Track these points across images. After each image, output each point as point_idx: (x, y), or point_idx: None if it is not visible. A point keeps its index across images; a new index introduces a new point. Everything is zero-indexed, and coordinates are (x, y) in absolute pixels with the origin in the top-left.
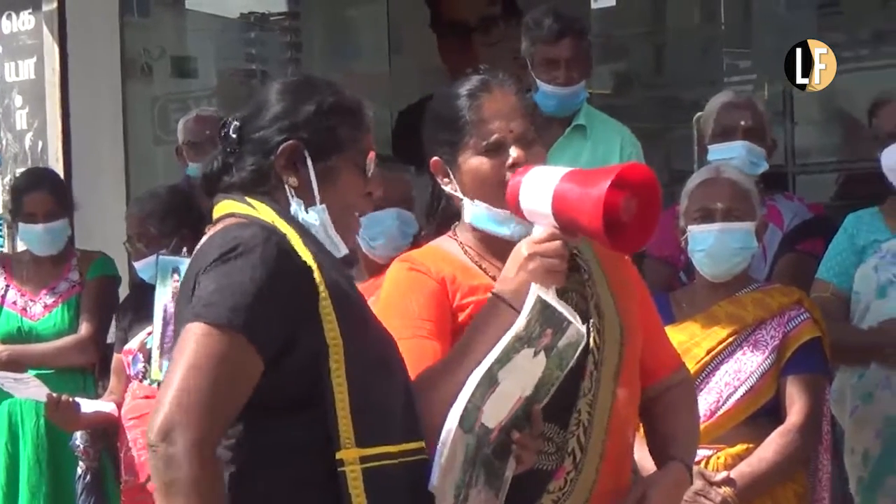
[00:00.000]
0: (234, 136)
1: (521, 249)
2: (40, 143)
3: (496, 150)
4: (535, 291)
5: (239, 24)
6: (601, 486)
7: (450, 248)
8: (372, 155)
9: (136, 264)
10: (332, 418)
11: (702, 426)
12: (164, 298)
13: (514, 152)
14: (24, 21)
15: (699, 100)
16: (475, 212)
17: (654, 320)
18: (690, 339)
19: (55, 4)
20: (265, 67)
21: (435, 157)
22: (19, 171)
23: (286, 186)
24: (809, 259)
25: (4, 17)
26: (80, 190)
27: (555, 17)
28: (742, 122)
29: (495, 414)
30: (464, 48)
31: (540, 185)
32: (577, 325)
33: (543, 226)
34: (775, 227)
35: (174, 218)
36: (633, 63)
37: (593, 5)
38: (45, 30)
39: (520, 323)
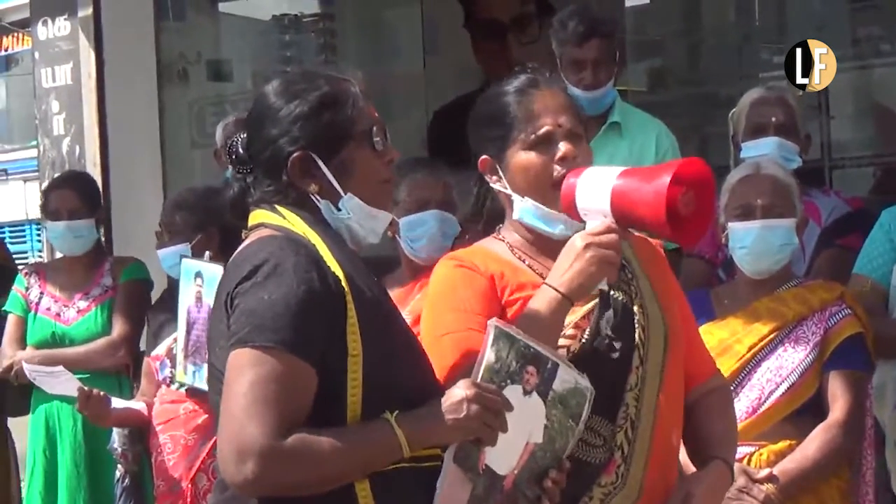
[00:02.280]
0: (243, 153)
1: (576, 241)
2: (77, 149)
3: (545, 143)
4: (493, 323)
5: (274, 26)
6: (650, 479)
7: (496, 248)
8: (376, 127)
9: (158, 252)
10: (342, 421)
11: (744, 423)
12: (187, 301)
13: (563, 146)
14: (60, 27)
15: (735, 96)
16: (524, 208)
17: (692, 327)
18: (732, 336)
19: (91, 10)
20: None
21: (484, 156)
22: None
23: (310, 194)
24: (849, 254)
25: (40, 24)
26: (118, 194)
27: (580, 19)
28: (773, 119)
29: (503, 459)
30: (498, 48)
31: (596, 184)
32: (568, 367)
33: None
34: (813, 222)
35: (203, 214)
36: (669, 60)
37: (627, 3)
38: (81, 35)
39: (488, 355)
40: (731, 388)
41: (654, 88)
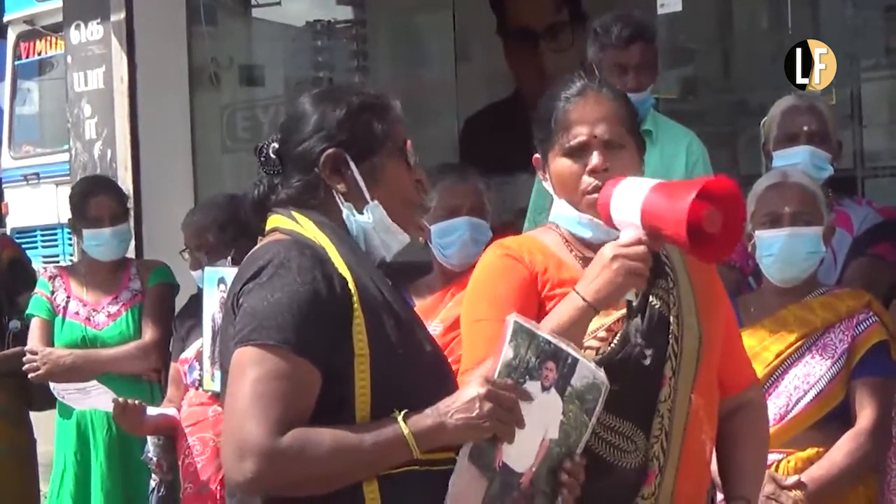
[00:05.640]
0: (273, 156)
1: (606, 252)
2: (109, 152)
3: (579, 152)
4: (512, 318)
5: (306, 32)
6: (681, 489)
7: (547, 239)
8: (409, 143)
9: (195, 273)
10: (351, 422)
11: (772, 430)
12: (211, 308)
13: (594, 159)
14: (93, 31)
15: (767, 104)
16: (558, 210)
17: (734, 335)
18: (759, 344)
19: (123, 14)
20: (332, 75)
21: (536, 154)
22: None
23: (336, 194)
24: (880, 263)
25: (73, 28)
26: (149, 198)
27: (624, 23)
28: (805, 127)
29: (520, 456)
30: (531, 55)
31: (629, 197)
32: (587, 363)
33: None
34: (845, 231)
35: (233, 228)
36: (701, 67)
37: (660, 11)
38: (114, 40)
39: (506, 351)
40: None
41: (685, 96)
